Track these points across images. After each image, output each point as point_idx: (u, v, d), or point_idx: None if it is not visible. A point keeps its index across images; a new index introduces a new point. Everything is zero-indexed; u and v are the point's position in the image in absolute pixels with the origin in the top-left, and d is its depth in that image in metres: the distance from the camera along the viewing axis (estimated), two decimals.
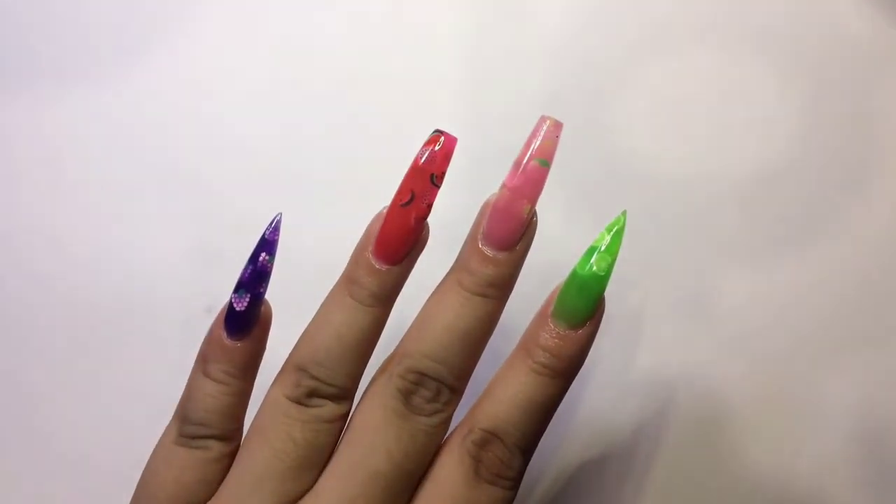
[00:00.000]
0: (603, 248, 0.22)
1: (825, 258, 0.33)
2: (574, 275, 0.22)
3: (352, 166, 0.35)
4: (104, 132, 0.35)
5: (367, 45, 0.36)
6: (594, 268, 0.22)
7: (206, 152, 0.35)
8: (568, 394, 0.23)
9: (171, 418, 0.23)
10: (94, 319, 0.33)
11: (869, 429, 0.31)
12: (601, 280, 0.22)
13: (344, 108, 0.35)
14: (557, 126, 0.22)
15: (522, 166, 0.22)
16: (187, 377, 0.24)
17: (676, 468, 0.31)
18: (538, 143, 0.22)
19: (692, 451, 0.31)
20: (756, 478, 0.31)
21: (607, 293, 0.22)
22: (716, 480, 0.31)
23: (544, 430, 0.23)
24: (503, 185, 0.23)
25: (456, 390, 0.23)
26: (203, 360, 0.23)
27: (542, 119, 0.23)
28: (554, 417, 0.23)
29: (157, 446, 0.23)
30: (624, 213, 0.22)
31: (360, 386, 0.24)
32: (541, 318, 0.23)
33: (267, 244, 0.22)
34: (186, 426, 0.23)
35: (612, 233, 0.22)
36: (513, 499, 0.23)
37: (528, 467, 0.23)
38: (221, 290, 0.23)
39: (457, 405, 0.23)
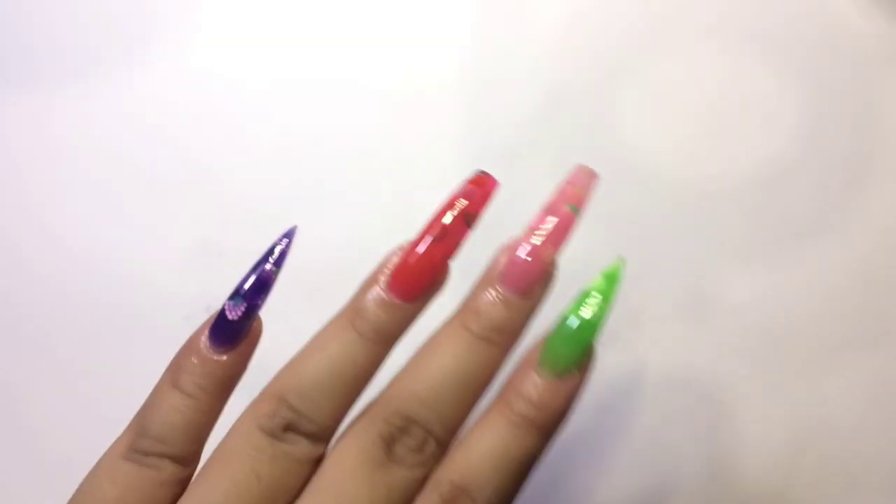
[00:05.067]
0: (596, 293, 0.20)
1: (825, 258, 0.33)
2: (564, 320, 0.21)
3: (349, 169, 0.34)
4: (104, 131, 0.36)
5: (366, 45, 0.37)
6: (586, 315, 0.20)
7: (205, 150, 0.35)
8: None
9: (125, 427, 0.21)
10: (93, 317, 0.33)
11: (869, 428, 0.31)
12: (593, 328, 0.20)
13: (342, 109, 0.36)
14: (592, 175, 0.21)
15: (553, 210, 0.21)
16: None
17: (675, 467, 0.31)
18: (571, 189, 0.21)
19: (691, 450, 0.31)
20: (755, 477, 0.31)
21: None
22: (715, 480, 0.31)
23: (521, 486, 0.21)
24: (529, 228, 0.21)
25: (443, 443, 0.21)
26: (176, 369, 0.21)
27: (578, 167, 0.22)
28: None
29: (104, 457, 0.21)
30: (621, 259, 0.21)
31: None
32: (525, 364, 0.21)
33: (278, 255, 0.21)
34: (141, 439, 0.20)
35: (607, 277, 0.21)
36: None
37: None
38: (221, 288, 0.21)
39: (440, 460, 0.21)
